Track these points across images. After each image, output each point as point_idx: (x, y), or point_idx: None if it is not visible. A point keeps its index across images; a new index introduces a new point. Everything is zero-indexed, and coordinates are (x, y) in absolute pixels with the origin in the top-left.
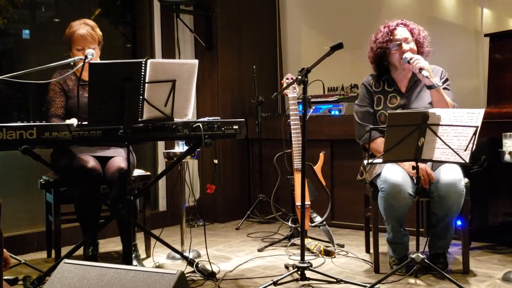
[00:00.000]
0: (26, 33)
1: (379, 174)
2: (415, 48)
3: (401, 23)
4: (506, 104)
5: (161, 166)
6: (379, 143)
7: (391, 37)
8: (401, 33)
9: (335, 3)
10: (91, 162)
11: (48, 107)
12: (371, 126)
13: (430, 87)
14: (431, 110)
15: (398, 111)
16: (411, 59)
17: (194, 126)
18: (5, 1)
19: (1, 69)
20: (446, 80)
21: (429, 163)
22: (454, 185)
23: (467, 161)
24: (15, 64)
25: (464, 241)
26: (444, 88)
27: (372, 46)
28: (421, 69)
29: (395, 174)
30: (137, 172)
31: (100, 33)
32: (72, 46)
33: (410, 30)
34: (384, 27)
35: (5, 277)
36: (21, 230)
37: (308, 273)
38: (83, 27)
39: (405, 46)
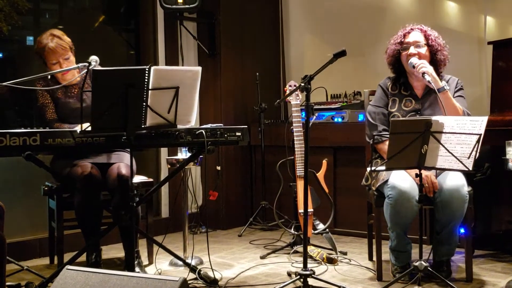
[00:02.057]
0: (30, 39)
1: (386, 181)
2: (427, 54)
3: (418, 28)
4: (509, 111)
5: (164, 173)
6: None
7: (403, 40)
8: (413, 36)
9: (338, 11)
10: (91, 169)
11: (42, 113)
12: (380, 129)
13: (435, 92)
14: (434, 118)
15: (408, 116)
16: (415, 63)
17: (197, 132)
18: (9, 8)
19: (5, 75)
20: (460, 89)
21: (433, 170)
22: (457, 191)
23: (470, 168)
24: (18, 71)
25: (468, 249)
26: (459, 96)
27: (388, 47)
28: (424, 74)
29: (403, 181)
30: (140, 178)
31: (68, 39)
32: (46, 61)
33: (427, 35)
34: (402, 30)
35: (7, 283)
36: (24, 236)
37: (310, 281)
38: (52, 40)
39: (411, 50)
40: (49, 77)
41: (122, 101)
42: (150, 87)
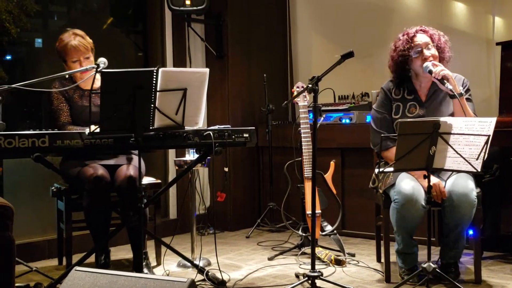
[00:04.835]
0: (38, 41)
1: (393, 185)
2: (437, 53)
3: (420, 30)
4: None
5: (172, 174)
6: (393, 152)
7: (412, 44)
8: (422, 38)
9: (345, 12)
10: (100, 170)
11: (56, 116)
12: (382, 135)
13: (452, 97)
14: (442, 119)
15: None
16: (434, 66)
17: (204, 134)
18: (18, 10)
19: (14, 78)
20: (468, 90)
21: (443, 172)
22: (466, 195)
23: (479, 170)
24: (27, 73)
25: (476, 250)
26: (467, 99)
27: (393, 55)
28: (443, 80)
29: (409, 185)
30: (148, 180)
31: (90, 40)
32: (66, 59)
33: (430, 35)
34: (403, 35)
35: (16, 284)
36: (33, 237)
37: (318, 282)
38: (74, 38)
39: (426, 52)
40: (66, 77)
41: (130, 103)
42: (158, 89)
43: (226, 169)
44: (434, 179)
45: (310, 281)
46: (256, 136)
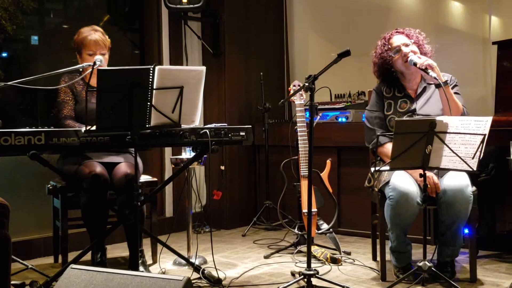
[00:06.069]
0: (35, 39)
1: (387, 182)
2: (416, 49)
3: (396, 31)
4: None
5: (168, 172)
6: (388, 148)
7: (389, 46)
8: (398, 39)
9: (342, 10)
10: (98, 168)
11: (60, 109)
12: (378, 133)
13: (438, 86)
14: (438, 118)
15: (406, 117)
16: (419, 58)
17: (201, 132)
18: (14, 7)
19: (10, 75)
20: (455, 85)
21: (435, 171)
22: (461, 191)
23: (475, 169)
24: (23, 70)
25: (472, 249)
26: (455, 93)
27: (374, 60)
28: (427, 69)
29: (404, 182)
30: (144, 178)
31: (109, 39)
32: (82, 52)
33: (406, 35)
34: (381, 40)
35: (12, 282)
36: (29, 235)
37: (314, 281)
38: (94, 33)
39: (405, 49)
40: (80, 69)
41: (127, 101)
42: (154, 87)
43: (222, 168)
44: (427, 173)
45: (306, 279)
46: (252, 135)
